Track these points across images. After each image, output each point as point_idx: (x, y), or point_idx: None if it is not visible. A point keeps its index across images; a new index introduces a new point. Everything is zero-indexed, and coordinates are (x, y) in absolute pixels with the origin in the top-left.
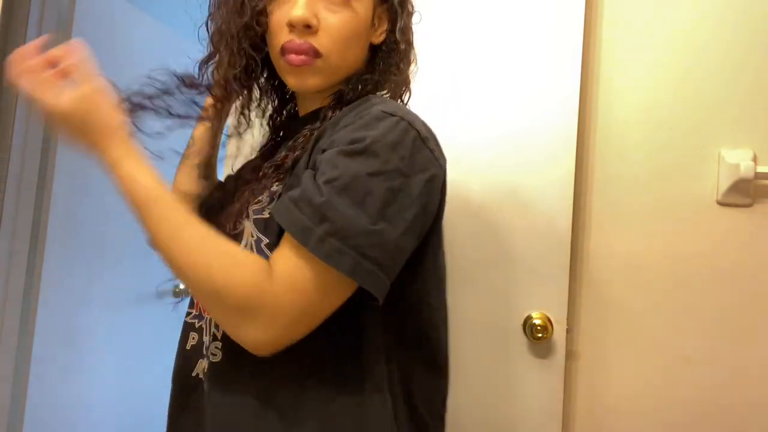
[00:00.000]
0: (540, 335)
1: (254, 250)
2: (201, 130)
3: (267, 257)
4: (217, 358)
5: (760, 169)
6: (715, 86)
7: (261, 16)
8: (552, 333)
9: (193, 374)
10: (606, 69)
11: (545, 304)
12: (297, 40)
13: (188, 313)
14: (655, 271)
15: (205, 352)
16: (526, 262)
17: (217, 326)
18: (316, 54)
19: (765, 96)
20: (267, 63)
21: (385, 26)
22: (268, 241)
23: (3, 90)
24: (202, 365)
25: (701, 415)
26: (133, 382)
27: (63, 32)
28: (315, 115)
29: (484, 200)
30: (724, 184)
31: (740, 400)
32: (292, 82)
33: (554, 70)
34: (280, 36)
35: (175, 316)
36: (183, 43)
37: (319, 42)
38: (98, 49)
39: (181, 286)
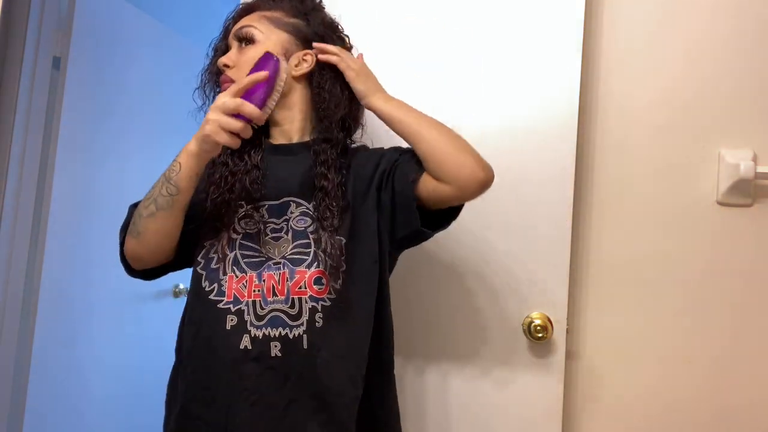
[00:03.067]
0: (540, 335)
1: (336, 247)
2: (186, 177)
3: (343, 269)
4: (320, 324)
5: (760, 169)
6: (715, 86)
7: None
8: (552, 333)
9: (241, 347)
10: (606, 69)
11: (545, 304)
12: (222, 76)
13: (216, 301)
14: (655, 271)
15: (250, 328)
16: (526, 262)
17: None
18: (230, 80)
19: (765, 96)
20: None
21: (309, 63)
22: (345, 240)
23: (3, 90)
24: (248, 338)
25: (701, 414)
26: (133, 382)
27: (63, 32)
28: (305, 147)
29: (484, 200)
30: (724, 184)
31: (740, 400)
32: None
33: (554, 70)
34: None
35: (175, 316)
36: (183, 43)
37: (232, 73)
38: (98, 49)
39: (181, 286)
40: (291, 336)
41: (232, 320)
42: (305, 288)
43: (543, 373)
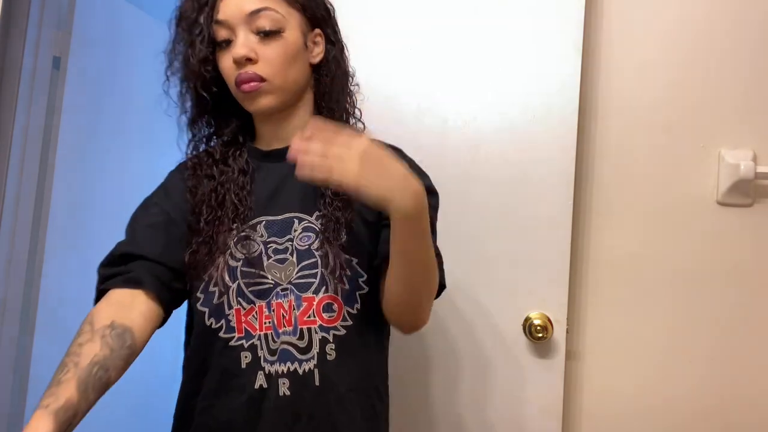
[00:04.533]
0: (540, 335)
1: (347, 268)
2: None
3: (360, 273)
4: (332, 357)
5: (760, 169)
6: (715, 86)
7: (205, 64)
8: (552, 333)
9: (256, 387)
10: (606, 69)
11: (545, 304)
12: (244, 72)
13: (227, 339)
14: (655, 271)
15: (264, 364)
16: (526, 262)
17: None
18: (261, 79)
19: (765, 96)
20: (222, 107)
21: (321, 47)
22: (357, 260)
23: (2, 89)
24: (262, 375)
25: (701, 414)
26: (133, 382)
27: (63, 32)
28: None
29: (484, 200)
30: (724, 184)
31: (740, 400)
32: (250, 107)
33: (554, 70)
34: (232, 74)
35: (175, 315)
36: None
37: (261, 69)
38: (98, 49)
39: None
40: (301, 371)
41: (246, 357)
42: (314, 317)
43: (543, 373)
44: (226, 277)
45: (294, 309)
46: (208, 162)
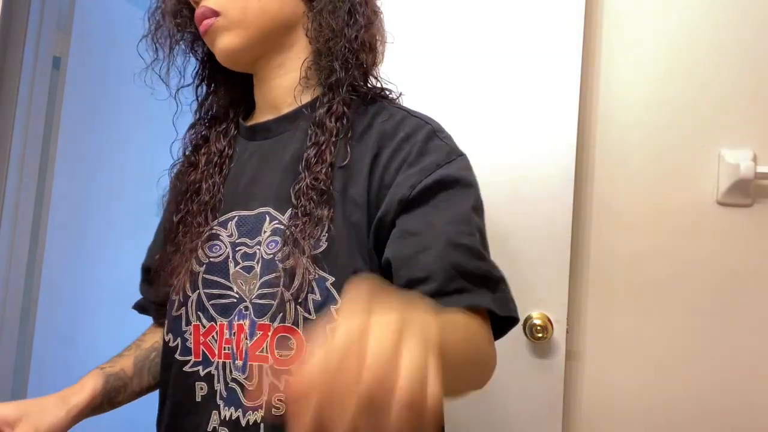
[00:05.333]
0: (540, 335)
1: (316, 289)
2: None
3: (334, 298)
4: (280, 411)
5: (760, 169)
6: (715, 86)
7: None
8: (552, 333)
9: (209, 429)
10: (606, 69)
11: (545, 304)
12: (198, 10)
13: (182, 362)
14: (655, 271)
15: (219, 402)
16: (526, 262)
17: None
18: (214, 13)
19: (765, 96)
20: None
21: None
22: (333, 279)
23: (3, 90)
24: (217, 416)
25: (701, 414)
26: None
27: (63, 32)
28: (295, 117)
29: (484, 200)
30: (724, 184)
31: (740, 400)
32: (215, 52)
33: (554, 70)
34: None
35: None
36: None
37: (213, 2)
38: (98, 49)
39: None
40: (243, 423)
41: (201, 389)
42: (266, 352)
43: (543, 373)
44: (187, 286)
45: (246, 339)
46: (194, 147)
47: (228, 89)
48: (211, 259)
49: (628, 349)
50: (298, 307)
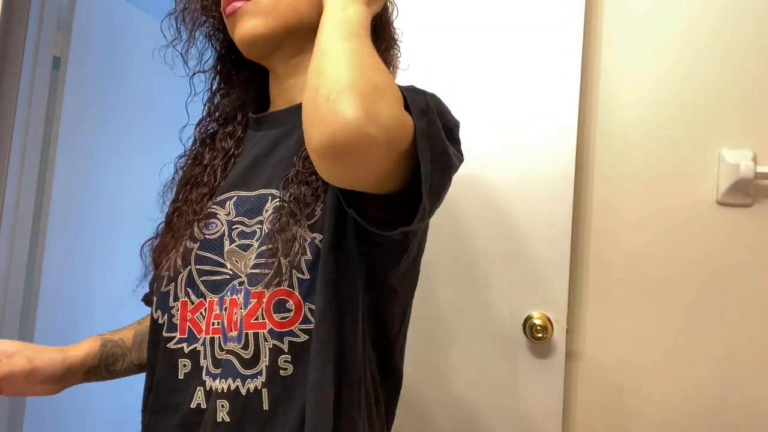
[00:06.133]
0: (540, 335)
1: (308, 251)
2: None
3: (317, 252)
4: (287, 372)
5: (760, 169)
6: (715, 86)
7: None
8: (552, 333)
9: (192, 406)
10: (606, 69)
11: (545, 304)
12: None
13: (167, 339)
14: (655, 271)
15: (206, 377)
16: (526, 262)
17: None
18: None
19: (765, 96)
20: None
21: None
22: (321, 237)
23: (3, 89)
24: (201, 393)
25: (701, 414)
26: (132, 381)
27: (63, 32)
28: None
29: (484, 200)
30: (724, 184)
31: (740, 400)
32: (235, 35)
33: (554, 70)
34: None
35: None
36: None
37: None
38: (98, 49)
39: None
40: (244, 392)
41: (185, 366)
42: (262, 318)
43: (543, 373)
44: (179, 262)
45: (241, 308)
46: (201, 142)
47: (242, 91)
48: (206, 236)
49: (627, 349)
50: (293, 270)
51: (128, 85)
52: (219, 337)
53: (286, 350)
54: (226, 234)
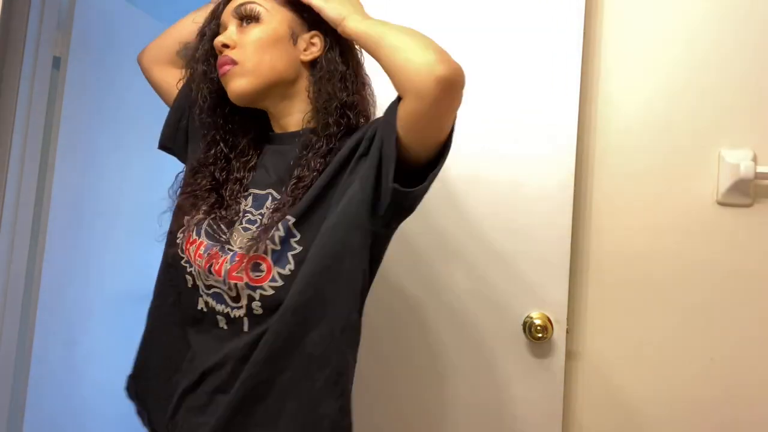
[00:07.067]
0: (540, 335)
1: (281, 227)
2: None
3: (294, 234)
4: (259, 312)
5: (760, 169)
6: (715, 86)
7: (206, 62)
8: (552, 333)
9: (198, 308)
10: (606, 69)
11: (545, 304)
12: (221, 58)
13: (179, 257)
14: (655, 272)
15: (201, 293)
16: (526, 262)
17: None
18: (233, 62)
19: (765, 96)
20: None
21: (317, 47)
22: (294, 220)
23: (3, 89)
24: (201, 301)
25: (701, 414)
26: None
27: (63, 32)
28: (294, 137)
29: (485, 200)
30: (724, 184)
31: (740, 399)
32: (228, 92)
33: (554, 70)
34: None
35: None
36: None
37: (235, 53)
38: (98, 49)
39: None
40: (233, 315)
41: (189, 280)
42: (241, 273)
43: (543, 373)
44: (199, 216)
45: (227, 263)
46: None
47: (251, 127)
48: (223, 215)
49: (627, 349)
50: (268, 241)
51: (128, 85)
52: (203, 272)
53: (257, 298)
54: (239, 219)
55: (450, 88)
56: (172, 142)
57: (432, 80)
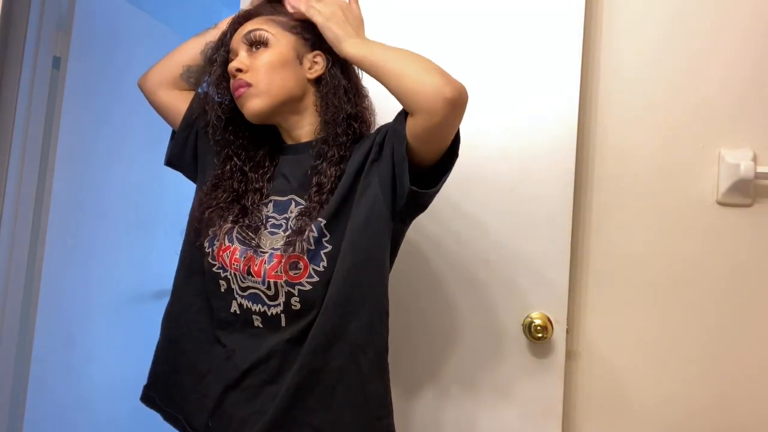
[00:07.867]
0: (540, 335)
1: (314, 229)
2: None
3: (325, 234)
4: (297, 308)
5: (760, 169)
6: (715, 86)
7: (218, 86)
8: (552, 333)
9: (231, 311)
10: (606, 69)
11: (545, 304)
12: (235, 81)
13: (212, 264)
14: (655, 271)
15: (236, 296)
16: (526, 262)
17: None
18: (247, 85)
19: (765, 96)
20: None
21: (320, 65)
22: (325, 222)
23: (3, 90)
24: (235, 304)
25: (701, 414)
26: (134, 382)
27: (63, 32)
28: (309, 145)
29: (485, 200)
30: (724, 184)
31: (739, 399)
32: (244, 112)
33: (554, 70)
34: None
35: None
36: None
37: (248, 76)
38: (98, 49)
39: None
40: (269, 313)
41: (223, 285)
42: (281, 273)
43: (543, 373)
44: (227, 224)
45: (265, 264)
46: (234, 160)
47: (265, 140)
48: (248, 222)
49: (627, 349)
50: (303, 242)
51: (128, 85)
52: (239, 274)
53: (296, 294)
54: (263, 224)
55: (456, 106)
56: (179, 159)
57: (441, 102)
